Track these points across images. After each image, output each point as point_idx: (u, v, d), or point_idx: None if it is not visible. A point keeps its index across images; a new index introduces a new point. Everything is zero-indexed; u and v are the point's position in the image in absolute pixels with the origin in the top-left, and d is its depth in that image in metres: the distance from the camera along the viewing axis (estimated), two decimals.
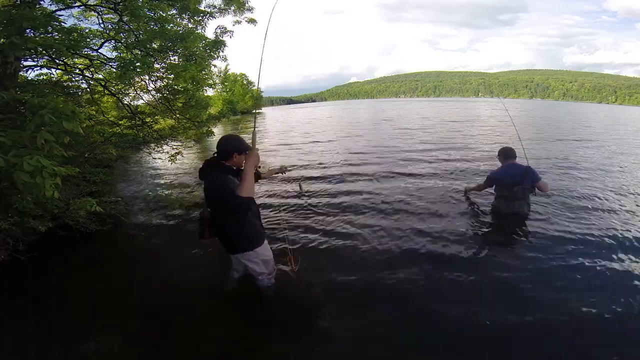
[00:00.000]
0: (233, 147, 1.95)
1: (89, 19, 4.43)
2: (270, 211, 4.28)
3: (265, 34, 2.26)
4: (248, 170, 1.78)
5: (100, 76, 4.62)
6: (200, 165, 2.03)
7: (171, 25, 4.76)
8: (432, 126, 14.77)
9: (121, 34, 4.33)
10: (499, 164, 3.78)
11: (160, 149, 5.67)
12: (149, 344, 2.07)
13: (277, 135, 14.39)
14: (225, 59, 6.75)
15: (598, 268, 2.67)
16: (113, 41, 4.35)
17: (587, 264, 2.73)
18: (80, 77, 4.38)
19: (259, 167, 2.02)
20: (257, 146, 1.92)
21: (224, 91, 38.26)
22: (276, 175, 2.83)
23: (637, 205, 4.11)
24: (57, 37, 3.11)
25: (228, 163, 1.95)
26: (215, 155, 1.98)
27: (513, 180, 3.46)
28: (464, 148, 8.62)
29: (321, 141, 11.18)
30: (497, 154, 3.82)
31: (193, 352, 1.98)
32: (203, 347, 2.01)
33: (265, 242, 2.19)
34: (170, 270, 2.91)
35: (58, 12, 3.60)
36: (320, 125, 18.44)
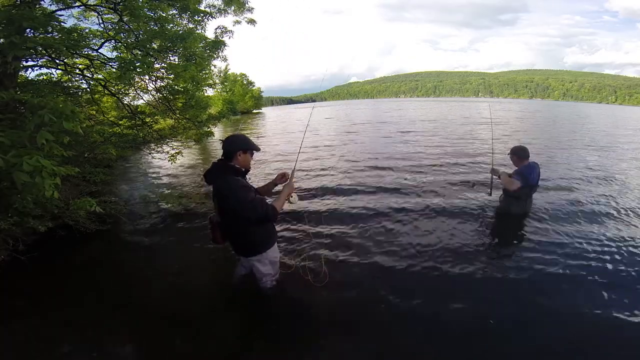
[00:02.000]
0: (238, 146, 1.93)
1: (89, 19, 4.42)
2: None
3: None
4: (283, 193, 2.04)
5: (100, 76, 4.61)
6: (207, 168, 2.01)
7: (171, 25, 4.76)
8: (438, 130, 13.93)
9: (121, 34, 4.32)
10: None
11: (160, 149, 5.66)
12: (149, 344, 2.07)
13: (276, 138, 14.30)
14: (225, 59, 6.76)
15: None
16: (113, 41, 4.34)
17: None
18: (80, 77, 4.38)
19: (291, 195, 2.13)
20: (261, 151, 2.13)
21: (224, 91, 38.28)
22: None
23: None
24: (57, 37, 3.10)
25: (234, 163, 1.93)
26: (222, 156, 1.97)
27: (534, 181, 3.42)
28: (470, 149, 8.57)
29: (321, 148, 9.90)
30: (510, 152, 3.56)
31: (193, 352, 1.98)
32: (203, 347, 2.01)
33: (275, 244, 2.21)
34: (171, 270, 2.90)
35: (58, 12, 3.60)
36: (320, 128, 17.93)
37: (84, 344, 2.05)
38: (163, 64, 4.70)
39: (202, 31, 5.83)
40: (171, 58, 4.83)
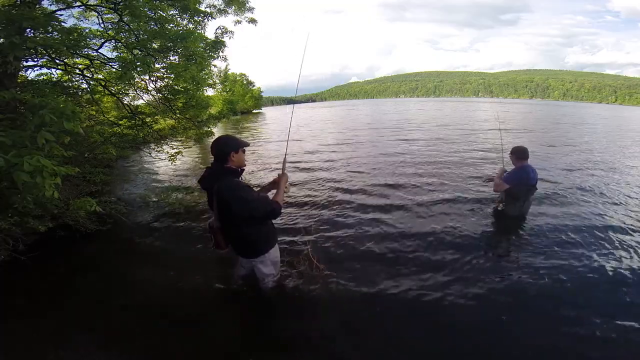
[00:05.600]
0: (229, 147, 1.90)
1: (89, 19, 4.44)
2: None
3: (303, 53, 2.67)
4: (281, 185, 2.10)
5: (101, 76, 4.62)
6: (202, 172, 1.99)
7: (171, 25, 4.76)
8: (450, 138, 11.48)
9: (121, 34, 4.32)
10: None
11: (160, 149, 5.67)
12: (149, 344, 2.06)
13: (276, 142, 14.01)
14: (225, 59, 6.78)
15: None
16: (113, 41, 4.35)
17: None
18: (81, 77, 4.38)
19: (286, 186, 2.17)
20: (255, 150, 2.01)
21: (224, 91, 38.29)
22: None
23: None
24: (57, 37, 3.11)
25: (229, 165, 1.91)
26: (214, 161, 1.93)
27: (531, 182, 3.36)
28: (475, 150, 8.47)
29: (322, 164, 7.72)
30: (510, 152, 3.51)
31: (193, 352, 1.98)
32: (203, 347, 2.01)
33: (276, 244, 2.21)
34: (170, 270, 2.90)
35: (58, 12, 3.61)
36: (320, 130, 16.41)
37: (84, 344, 2.05)
38: (163, 64, 4.71)
39: (203, 31, 5.85)
40: (171, 58, 4.84)
